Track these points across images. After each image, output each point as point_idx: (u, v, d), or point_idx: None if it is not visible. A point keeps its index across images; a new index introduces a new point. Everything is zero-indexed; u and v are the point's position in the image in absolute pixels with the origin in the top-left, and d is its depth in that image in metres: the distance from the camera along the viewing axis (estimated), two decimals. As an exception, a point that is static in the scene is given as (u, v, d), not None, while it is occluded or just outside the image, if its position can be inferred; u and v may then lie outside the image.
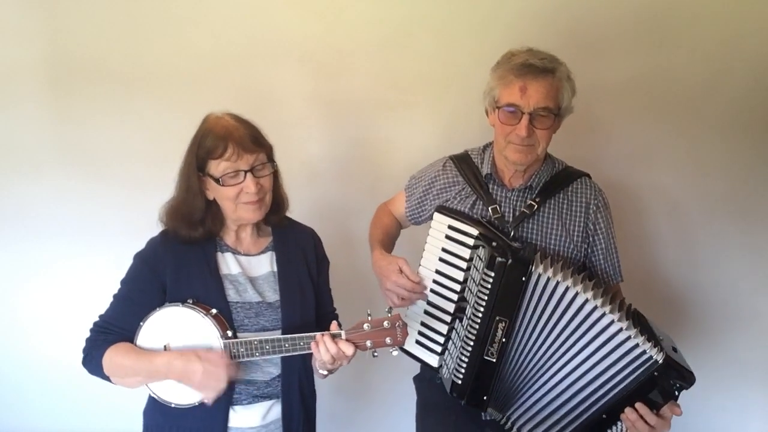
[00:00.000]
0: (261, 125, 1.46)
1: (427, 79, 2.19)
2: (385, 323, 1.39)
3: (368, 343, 1.39)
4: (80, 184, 2.22)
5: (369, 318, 1.39)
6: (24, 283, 2.28)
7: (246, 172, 1.38)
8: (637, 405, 1.37)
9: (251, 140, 1.39)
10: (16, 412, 2.37)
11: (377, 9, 2.16)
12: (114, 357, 1.38)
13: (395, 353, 1.43)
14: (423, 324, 1.58)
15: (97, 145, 2.20)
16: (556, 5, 2.13)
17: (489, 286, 1.43)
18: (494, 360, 1.46)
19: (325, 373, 1.48)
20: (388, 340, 1.39)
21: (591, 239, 1.60)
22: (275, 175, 1.47)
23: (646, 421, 1.36)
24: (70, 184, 2.22)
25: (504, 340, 1.45)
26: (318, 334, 1.37)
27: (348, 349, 1.36)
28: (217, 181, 1.38)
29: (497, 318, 1.44)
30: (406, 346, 1.61)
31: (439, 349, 1.56)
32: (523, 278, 1.41)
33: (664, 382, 1.36)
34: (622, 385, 1.39)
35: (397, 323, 1.40)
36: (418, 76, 2.19)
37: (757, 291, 2.28)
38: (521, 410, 1.50)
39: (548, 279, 1.41)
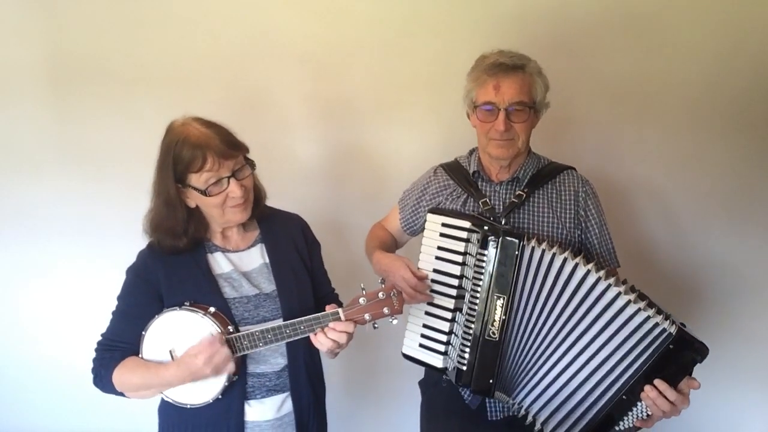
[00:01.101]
0: (261, 125, 1.46)
1: (426, 79, 2.20)
2: (380, 294, 1.40)
3: (367, 317, 1.40)
4: (80, 184, 2.23)
5: (363, 292, 1.40)
6: (25, 284, 2.28)
7: (229, 178, 1.38)
8: (656, 381, 1.35)
9: (228, 146, 1.37)
10: (17, 412, 2.37)
11: (377, 9, 2.17)
12: (123, 375, 1.39)
13: (395, 322, 1.43)
14: (425, 326, 1.59)
15: (98, 145, 2.20)
16: (557, 6, 2.14)
17: (484, 265, 1.47)
18: (496, 339, 1.47)
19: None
20: (385, 310, 1.40)
21: (584, 225, 1.62)
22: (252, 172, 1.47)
23: (666, 398, 1.35)
24: (70, 184, 2.22)
25: (504, 317, 1.46)
26: (312, 335, 1.39)
27: (348, 328, 1.38)
28: (203, 192, 1.37)
29: (495, 295, 1.46)
30: (410, 352, 1.62)
31: (442, 348, 1.56)
32: (517, 252, 1.44)
33: (679, 355, 1.34)
34: (639, 362, 1.37)
35: (392, 292, 1.41)
36: (418, 76, 2.20)
37: (756, 291, 2.28)
38: (534, 394, 1.48)
39: (543, 251, 1.43)
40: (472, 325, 1.49)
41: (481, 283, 1.48)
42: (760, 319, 2.30)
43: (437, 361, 1.57)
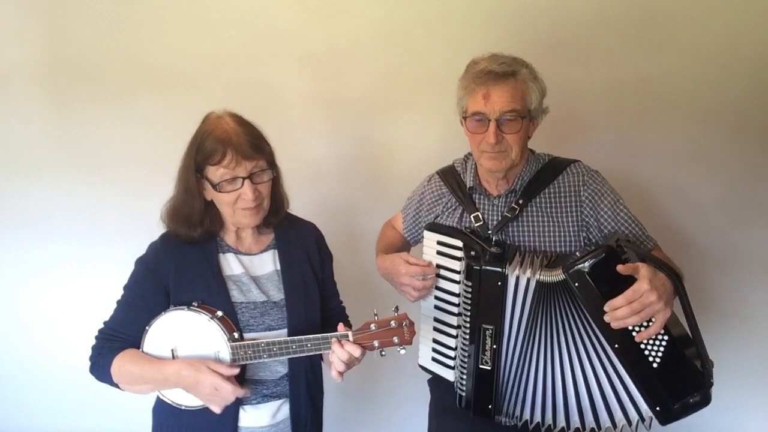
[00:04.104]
0: (262, 125, 1.45)
1: (427, 79, 2.19)
2: (392, 323, 1.38)
3: (375, 344, 1.38)
4: (80, 185, 2.23)
5: (375, 318, 1.39)
6: (25, 284, 2.28)
7: (244, 178, 1.37)
8: (606, 308, 1.29)
9: (251, 147, 1.36)
10: (19, 411, 2.37)
11: (377, 9, 2.17)
12: (123, 365, 1.37)
13: (403, 352, 1.42)
14: (434, 341, 1.59)
15: (97, 145, 2.20)
16: (558, 6, 2.13)
17: (470, 296, 1.45)
18: (489, 368, 1.46)
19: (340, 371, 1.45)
20: (395, 339, 1.39)
21: (595, 223, 1.54)
22: (275, 179, 1.46)
23: (626, 306, 1.27)
24: (70, 185, 2.22)
25: (495, 346, 1.44)
26: (333, 344, 1.37)
27: (355, 352, 1.36)
28: (214, 186, 1.37)
29: (483, 326, 1.45)
30: (425, 364, 1.63)
31: (451, 363, 1.57)
32: (500, 282, 1.41)
33: (597, 276, 1.30)
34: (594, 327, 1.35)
35: (404, 322, 1.39)
36: (418, 76, 2.20)
37: (757, 291, 2.28)
38: (539, 406, 1.47)
39: (528, 280, 1.40)
40: (467, 355, 1.49)
41: (469, 312, 1.47)
42: (761, 319, 2.30)
43: (449, 375, 1.58)
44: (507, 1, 2.15)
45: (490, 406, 1.49)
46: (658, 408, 1.36)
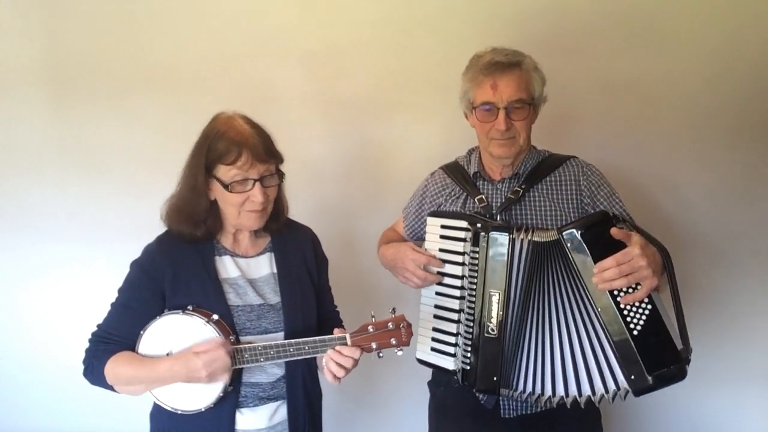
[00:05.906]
0: (261, 125, 1.46)
1: (427, 79, 2.19)
2: (390, 324, 1.39)
3: (373, 345, 1.38)
4: (81, 185, 2.22)
5: (373, 320, 1.39)
6: (26, 284, 2.28)
7: (255, 181, 1.37)
8: (595, 270, 1.31)
9: (265, 150, 1.37)
10: (19, 412, 2.36)
11: (377, 8, 2.17)
12: (116, 367, 1.37)
13: (400, 353, 1.42)
14: (434, 329, 1.59)
15: (98, 145, 2.20)
16: (557, 6, 2.13)
17: (477, 262, 1.48)
18: (495, 335, 1.47)
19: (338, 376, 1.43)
20: (392, 340, 1.39)
21: (594, 210, 1.58)
22: (279, 184, 1.47)
23: (614, 267, 1.29)
24: (70, 185, 2.22)
25: (501, 312, 1.46)
26: (327, 355, 1.37)
27: (353, 354, 1.36)
28: (226, 186, 1.36)
29: (490, 292, 1.47)
30: (423, 356, 1.62)
31: (452, 350, 1.56)
32: (507, 247, 1.44)
33: (590, 238, 1.32)
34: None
35: (401, 323, 1.39)
36: (418, 76, 2.20)
37: (757, 290, 2.28)
38: (538, 376, 1.46)
39: (528, 243, 1.43)
40: (471, 323, 1.50)
41: (476, 281, 1.49)
42: (762, 319, 2.29)
43: (449, 364, 1.58)
44: (507, 0, 2.15)
45: (495, 378, 1.48)
46: (632, 377, 1.36)
